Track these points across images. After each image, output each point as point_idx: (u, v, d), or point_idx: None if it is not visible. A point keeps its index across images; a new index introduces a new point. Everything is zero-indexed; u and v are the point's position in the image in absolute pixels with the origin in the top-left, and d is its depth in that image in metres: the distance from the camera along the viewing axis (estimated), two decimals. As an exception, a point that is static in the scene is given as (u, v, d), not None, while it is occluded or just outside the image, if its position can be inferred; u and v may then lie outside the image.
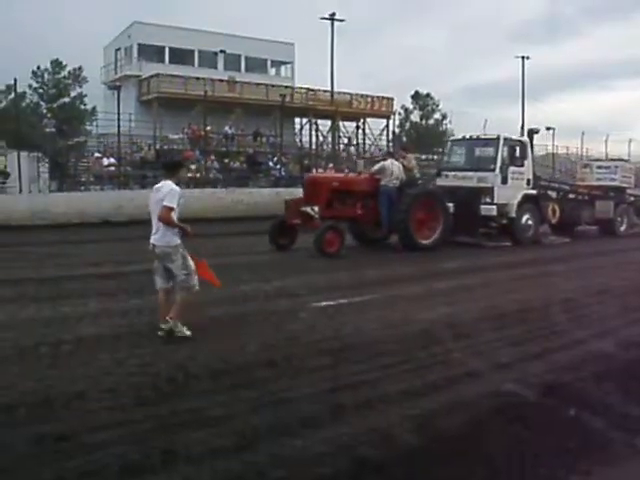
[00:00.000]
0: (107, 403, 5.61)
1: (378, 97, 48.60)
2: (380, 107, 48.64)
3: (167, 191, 7.76)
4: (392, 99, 49.91)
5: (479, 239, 19.31)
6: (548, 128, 46.47)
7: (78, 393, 5.81)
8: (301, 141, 45.11)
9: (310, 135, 45.06)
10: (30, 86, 57.10)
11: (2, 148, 29.75)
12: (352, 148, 46.45)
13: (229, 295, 10.52)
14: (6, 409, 5.47)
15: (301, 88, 46.58)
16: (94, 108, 54.23)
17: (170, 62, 46.49)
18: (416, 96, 71.23)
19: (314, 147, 42.58)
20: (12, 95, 52.48)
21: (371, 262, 15.17)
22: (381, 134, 47.70)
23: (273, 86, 44.75)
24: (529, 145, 19.83)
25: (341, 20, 47.73)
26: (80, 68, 60.49)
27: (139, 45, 46.43)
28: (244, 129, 40.24)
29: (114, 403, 5.61)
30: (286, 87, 44.80)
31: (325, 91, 46.82)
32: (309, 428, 5.21)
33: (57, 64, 60.68)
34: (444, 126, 67.50)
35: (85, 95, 60.06)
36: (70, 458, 4.60)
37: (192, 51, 47.55)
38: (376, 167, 17.83)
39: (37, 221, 22.52)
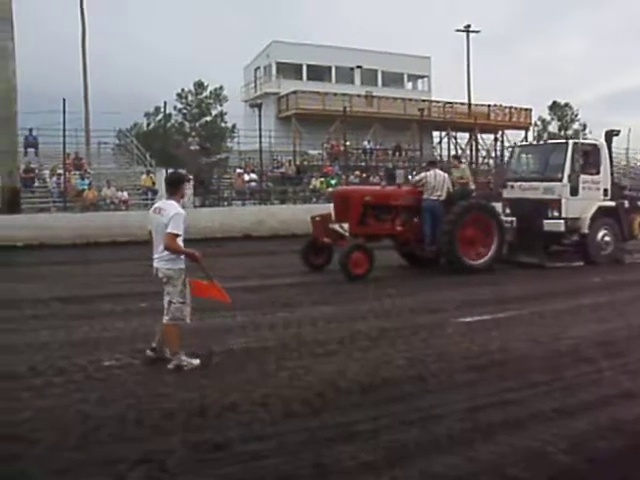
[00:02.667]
0: (258, 415, 5.74)
1: (516, 108, 47.80)
2: (518, 118, 47.83)
3: (171, 215, 7.17)
4: (530, 110, 49.03)
5: (542, 259, 16.37)
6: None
7: (231, 404, 5.99)
8: (440, 154, 44.87)
9: (449, 148, 44.78)
10: (175, 107, 59.75)
11: (152, 166, 31.23)
12: (491, 160, 45.70)
13: (374, 309, 10.65)
14: (168, 416, 5.74)
15: (438, 101, 46.36)
16: (234, 125, 56.04)
17: (308, 79, 47.45)
18: (554, 106, 69.54)
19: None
20: (159, 116, 55.39)
21: (510, 277, 14.72)
22: (520, 146, 46.60)
23: (410, 100, 44.79)
24: (606, 149, 17.05)
25: (476, 31, 47.31)
26: (221, 88, 62.89)
27: (277, 63, 47.66)
28: (382, 143, 40.43)
29: (265, 415, 5.74)
30: (423, 101, 44.72)
31: (462, 103, 46.44)
32: (458, 445, 5.15)
33: (199, 85, 63.31)
34: (584, 136, 65.47)
35: (226, 113, 62.32)
36: (226, 466, 4.76)
37: (329, 67, 48.32)
38: (416, 178, 16.25)
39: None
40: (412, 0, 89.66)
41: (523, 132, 46.99)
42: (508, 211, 17.36)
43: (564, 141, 17.20)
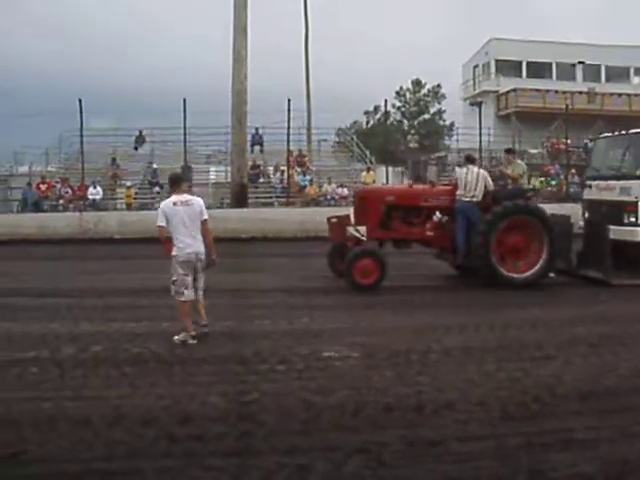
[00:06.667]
0: (475, 415, 5.74)
1: None
2: None
3: (201, 205, 8.58)
4: None
5: (607, 274, 12.84)
6: None
7: (448, 402, 6.02)
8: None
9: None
10: (393, 105, 60.33)
11: (372, 163, 31.89)
12: None
13: (592, 314, 10.33)
14: (385, 409, 5.88)
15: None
16: (452, 123, 55.72)
17: (527, 76, 46.28)
18: None
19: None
20: (378, 115, 56.40)
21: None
22: None
23: (637, 96, 42.38)
24: None
25: None
26: (439, 86, 62.67)
27: (496, 61, 46.87)
28: (605, 142, 38.54)
29: (482, 416, 5.73)
30: (651, 96, 42.21)
31: (699, 98, 43.20)
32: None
33: (417, 83, 63.48)
34: None
35: (444, 111, 61.99)
36: (441, 464, 4.82)
37: (549, 64, 46.82)
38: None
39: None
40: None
41: None
42: (587, 215, 14.80)
43: None
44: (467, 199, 12.98)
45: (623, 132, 14.49)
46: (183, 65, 79.36)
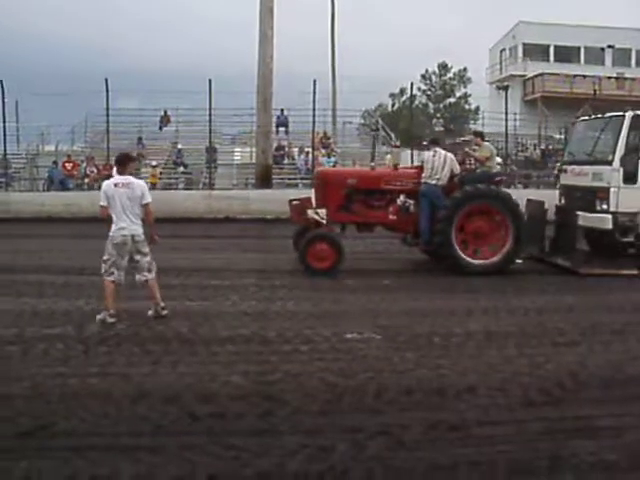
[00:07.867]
0: (496, 400, 5.74)
1: None
2: None
3: (143, 188, 8.61)
4: None
5: (575, 263, 12.58)
6: None
7: (469, 386, 6.02)
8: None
9: None
10: (419, 88, 60.10)
11: (396, 147, 31.74)
12: None
13: (618, 301, 10.22)
14: (406, 392, 5.89)
15: (701, 82, 42.74)
16: (477, 107, 55.41)
17: (555, 60, 45.78)
18: None
19: None
20: (404, 97, 56.20)
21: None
22: None
23: (668, 80, 41.81)
24: None
25: None
26: (465, 69, 62.34)
27: (524, 45, 46.41)
28: (635, 128, 38.07)
29: (503, 401, 5.73)
30: (683, 81, 41.52)
31: None
32: None
33: (443, 67, 63.22)
34: None
35: (469, 95, 61.68)
36: (460, 448, 4.82)
37: (578, 48, 46.22)
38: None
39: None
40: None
41: None
42: (562, 201, 14.48)
43: (620, 113, 13.14)
44: (432, 182, 12.58)
45: (599, 115, 14.20)
46: (209, 46, 79.32)
